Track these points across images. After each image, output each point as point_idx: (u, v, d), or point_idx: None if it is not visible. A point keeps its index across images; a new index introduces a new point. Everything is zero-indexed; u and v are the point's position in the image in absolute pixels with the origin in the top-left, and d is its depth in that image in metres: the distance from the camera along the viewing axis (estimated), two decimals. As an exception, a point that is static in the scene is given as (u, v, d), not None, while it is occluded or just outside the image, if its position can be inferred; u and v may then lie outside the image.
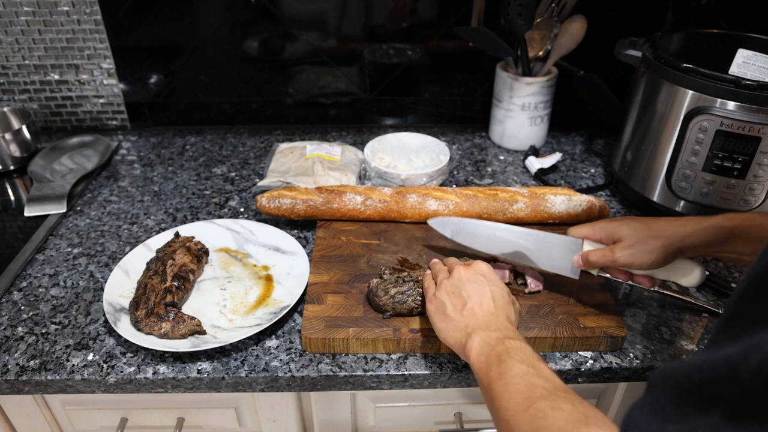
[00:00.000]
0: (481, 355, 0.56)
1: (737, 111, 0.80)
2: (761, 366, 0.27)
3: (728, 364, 0.29)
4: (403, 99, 1.27)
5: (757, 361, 0.28)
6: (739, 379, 0.28)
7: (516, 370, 0.52)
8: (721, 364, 0.30)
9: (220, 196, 1.04)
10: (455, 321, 0.62)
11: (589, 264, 0.70)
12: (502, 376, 0.52)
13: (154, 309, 0.73)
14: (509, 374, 0.52)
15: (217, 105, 1.27)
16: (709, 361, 0.31)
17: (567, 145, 1.22)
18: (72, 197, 1.03)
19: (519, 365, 0.52)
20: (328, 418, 0.81)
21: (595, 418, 0.45)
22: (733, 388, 0.29)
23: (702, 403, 0.30)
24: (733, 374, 0.29)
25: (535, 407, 0.47)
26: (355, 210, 0.91)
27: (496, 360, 0.54)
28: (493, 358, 0.55)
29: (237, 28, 1.17)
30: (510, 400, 0.49)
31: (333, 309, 0.75)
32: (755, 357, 0.28)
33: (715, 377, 0.30)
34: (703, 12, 1.15)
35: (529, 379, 0.51)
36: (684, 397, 0.31)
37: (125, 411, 0.80)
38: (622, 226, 0.68)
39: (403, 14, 1.18)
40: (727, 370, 0.29)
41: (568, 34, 1.08)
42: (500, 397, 0.51)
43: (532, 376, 0.51)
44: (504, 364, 0.53)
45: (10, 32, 1.15)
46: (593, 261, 0.69)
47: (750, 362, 0.28)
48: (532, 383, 0.50)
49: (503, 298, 0.64)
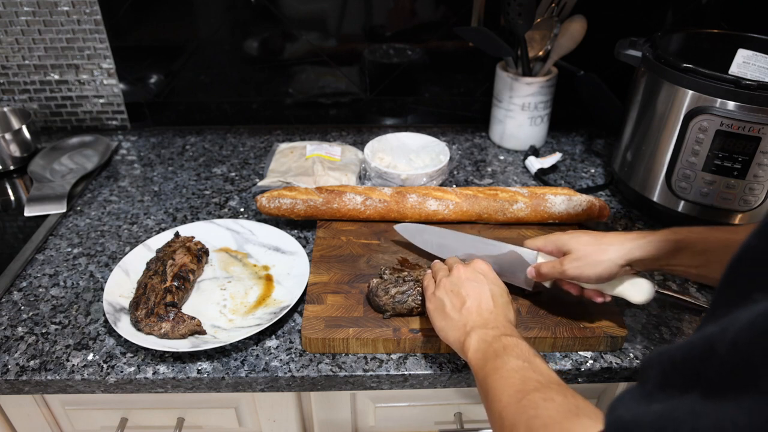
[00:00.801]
0: (479, 351, 0.57)
1: (737, 111, 0.80)
2: (737, 338, 0.27)
3: (707, 341, 0.29)
4: (403, 99, 1.27)
5: (733, 334, 0.28)
6: (717, 355, 0.28)
7: (511, 364, 0.53)
8: (701, 342, 0.30)
9: (220, 196, 1.04)
10: (454, 320, 0.62)
11: (540, 276, 0.70)
12: (497, 370, 0.53)
13: (154, 309, 0.73)
14: (504, 368, 0.52)
15: (217, 105, 1.27)
16: (691, 341, 0.31)
17: (567, 145, 1.22)
18: (72, 197, 1.03)
19: (514, 360, 0.53)
20: (328, 418, 0.81)
21: (586, 409, 0.45)
22: (712, 364, 0.29)
23: (684, 383, 0.30)
24: (712, 350, 0.29)
25: (527, 399, 0.47)
26: (355, 210, 0.91)
27: (493, 356, 0.55)
28: (490, 354, 0.55)
29: (237, 28, 1.18)
30: (503, 393, 0.50)
31: (333, 309, 0.75)
32: (731, 331, 0.28)
33: (696, 355, 0.30)
34: (703, 12, 1.15)
35: (524, 374, 0.51)
36: (668, 380, 0.32)
37: (125, 411, 0.80)
38: (572, 239, 0.68)
39: (403, 14, 1.18)
40: (707, 347, 0.29)
41: (568, 34, 1.08)
42: (494, 390, 0.51)
43: (526, 370, 0.52)
44: (500, 359, 0.54)
45: (10, 32, 1.15)
46: (544, 273, 0.70)
47: (726, 336, 0.28)
48: (526, 377, 0.51)
49: (502, 297, 0.64)
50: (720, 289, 0.33)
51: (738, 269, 0.32)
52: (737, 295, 0.31)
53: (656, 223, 0.97)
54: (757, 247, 0.31)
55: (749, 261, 0.31)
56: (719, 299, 0.33)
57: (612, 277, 0.66)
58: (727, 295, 0.32)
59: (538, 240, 0.73)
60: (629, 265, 0.65)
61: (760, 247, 0.31)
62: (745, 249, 0.32)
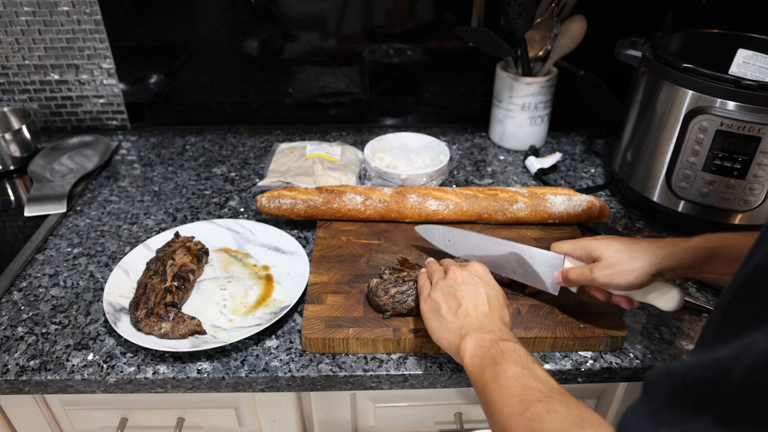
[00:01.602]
0: (476, 357, 0.56)
1: (737, 111, 0.80)
2: (753, 366, 0.27)
3: (721, 365, 0.29)
4: (403, 99, 1.27)
5: (750, 361, 0.27)
6: (731, 381, 0.28)
7: (510, 372, 0.52)
8: (714, 366, 0.29)
9: (220, 196, 1.04)
10: (449, 322, 0.62)
11: (569, 281, 0.69)
12: (497, 378, 0.52)
13: (154, 309, 0.73)
14: (503, 377, 0.52)
15: (217, 105, 1.27)
16: (702, 362, 0.30)
17: (567, 145, 1.22)
18: (72, 197, 1.03)
19: (513, 367, 0.52)
20: (328, 418, 0.81)
21: (590, 420, 0.45)
22: (726, 389, 0.28)
23: (695, 405, 0.30)
24: (726, 375, 0.28)
25: (530, 410, 0.47)
26: (355, 210, 0.91)
27: (491, 362, 0.54)
28: (488, 361, 0.55)
29: (237, 28, 1.17)
30: (505, 404, 0.49)
31: (333, 309, 0.75)
32: (748, 357, 0.27)
33: (708, 378, 0.29)
34: (703, 12, 1.15)
35: (524, 382, 0.51)
36: (678, 399, 0.31)
37: (125, 411, 0.80)
38: (602, 245, 0.67)
39: (403, 14, 1.18)
40: (720, 371, 0.29)
41: (568, 34, 1.08)
42: (495, 401, 0.51)
43: (526, 378, 0.51)
44: (498, 366, 0.53)
45: (10, 32, 1.15)
46: (572, 278, 0.68)
47: (743, 363, 0.27)
48: (527, 386, 0.50)
49: (498, 299, 0.64)
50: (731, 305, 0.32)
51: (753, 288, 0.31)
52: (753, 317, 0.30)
53: (656, 223, 0.97)
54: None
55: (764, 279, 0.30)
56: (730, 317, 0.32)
57: (643, 285, 0.64)
58: (740, 313, 0.31)
59: (566, 244, 0.71)
60: (660, 273, 0.64)
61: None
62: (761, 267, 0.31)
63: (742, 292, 0.32)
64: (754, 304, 0.30)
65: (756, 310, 0.30)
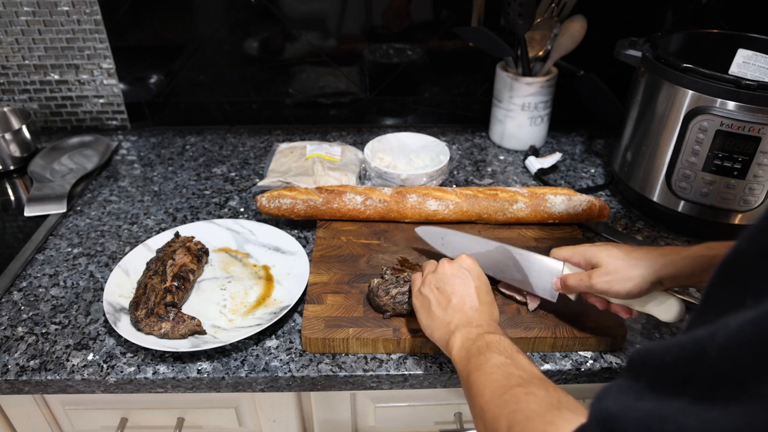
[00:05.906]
0: (462, 349, 0.57)
1: (737, 111, 0.80)
2: (727, 342, 0.27)
3: (697, 344, 0.29)
4: (403, 99, 1.27)
5: (724, 337, 0.27)
6: (706, 358, 0.28)
7: (494, 360, 0.53)
8: (691, 345, 0.30)
9: (220, 196, 1.04)
10: (440, 318, 0.63)
11: (567, 288, 0.68)
12: (480, 366, 0.53)
13: (154, 309, 0.73)
14: (487, 365, 0.53)
15: (217, 105, 1.27)
16: (680, 342, 0.31)
17: (567, 145, 1.22)
18: (72, 197, 1.03)
19: (497, 356, 0.53)
20: (328, 418, 0.81)
21: (567, 402, 0.45)
22: (702, 368, 0.29)
23: (674, 385, 0.30)
24: (702, 353, 0.28)
25: (509, 393, 0.48)
26: (355, 210, 0.91)
27: (476, 353, 0.55)
28: (473, 352, 0.55)
29: (237, 28, 1.17)
30: (486, 388, 0.50)
31: (333, 309, 0.75)
32: (722, 334, 0.28)
33: (685, 357, 0.30)
34: (703, 12, 1.15)
35: (506, 369, 0.51)
36: (658, 380, 0.32)
37: (125, 411, 0.80)
38: (601, 252, 0.66)
39: (403, 14, 1.18)
40: (697, 350, 0.29)
41: (568, 34, 1.08)
42: (477, 385, 0.51)
43: (509, 366, 0.52)
44: (483, 355, 0.54)
45: (10, 32, 1.15)
46: (571, 285, 0.67)
47: (717, 340, 0.28)
48: (509, 373, 0.51)
49: (488, 294, 0.64)
50: (710, 290, 0.33)
51: (729, 272, 0.31)
52: (728, 299, 0.30)
53: (656, 223, 0.97)
54: (748, 252, 0.30)
55: (741, 265, 0.31)
56: (708, 300, 0.33)
57: (642, 293, 0.63)
58: (717, 297, 0.32)
59: (565, 250, 0.70)
60: (660, 282, 0.63)
61: (750, 251, 0.30)
62: (737, 252, 0.31)
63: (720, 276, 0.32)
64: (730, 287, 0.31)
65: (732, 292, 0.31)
